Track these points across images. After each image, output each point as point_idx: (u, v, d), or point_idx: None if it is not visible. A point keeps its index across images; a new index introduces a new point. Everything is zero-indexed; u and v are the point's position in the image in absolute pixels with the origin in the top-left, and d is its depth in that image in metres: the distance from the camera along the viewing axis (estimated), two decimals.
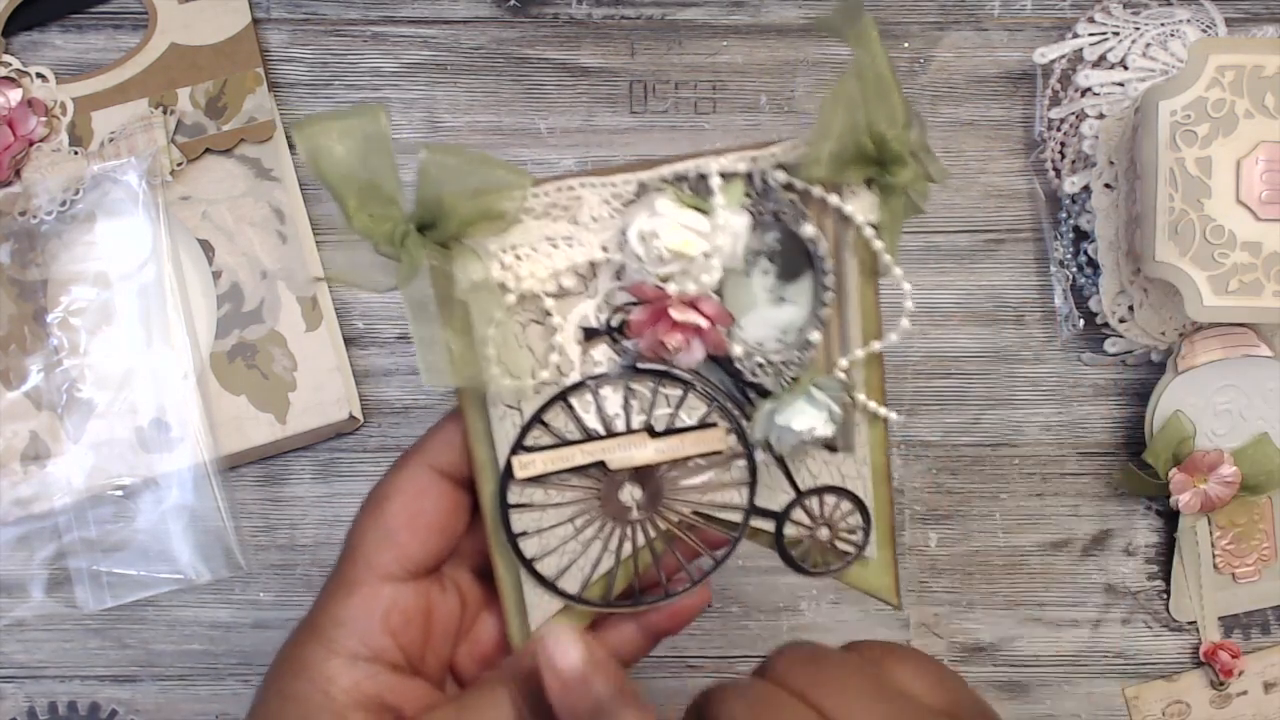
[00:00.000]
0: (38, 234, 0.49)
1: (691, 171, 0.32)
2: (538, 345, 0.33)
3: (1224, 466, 0.50)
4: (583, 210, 0.32)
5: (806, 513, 0.34)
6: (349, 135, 0.29)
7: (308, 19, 0.52)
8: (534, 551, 0.34)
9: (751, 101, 0.52)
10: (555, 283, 0.32)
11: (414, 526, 0.33)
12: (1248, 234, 0.46)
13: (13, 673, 0.51)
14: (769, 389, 0.33)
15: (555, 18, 0.52)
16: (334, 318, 0.51)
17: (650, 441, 0.33)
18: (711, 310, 0.32)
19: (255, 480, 0.51)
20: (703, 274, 0.31)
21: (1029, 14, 0.52)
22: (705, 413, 0.33)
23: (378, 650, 0.32)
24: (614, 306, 0.33)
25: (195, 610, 0.51)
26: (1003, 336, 0.53)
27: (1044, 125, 0.52)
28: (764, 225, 0.33)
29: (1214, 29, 0.51)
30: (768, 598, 0.53)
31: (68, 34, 0.51)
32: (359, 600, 0.33)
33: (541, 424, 0.33)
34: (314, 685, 0.32)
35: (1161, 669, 0.54)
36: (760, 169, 0.32)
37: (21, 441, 0.48)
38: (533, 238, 0.32)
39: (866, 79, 0.30)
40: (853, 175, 0.31)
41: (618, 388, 0.33)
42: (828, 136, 0.30)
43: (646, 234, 0.31)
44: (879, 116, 0.30)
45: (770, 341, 0.34)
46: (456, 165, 0.29)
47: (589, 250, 0.32)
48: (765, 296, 0.34)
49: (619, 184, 0.32)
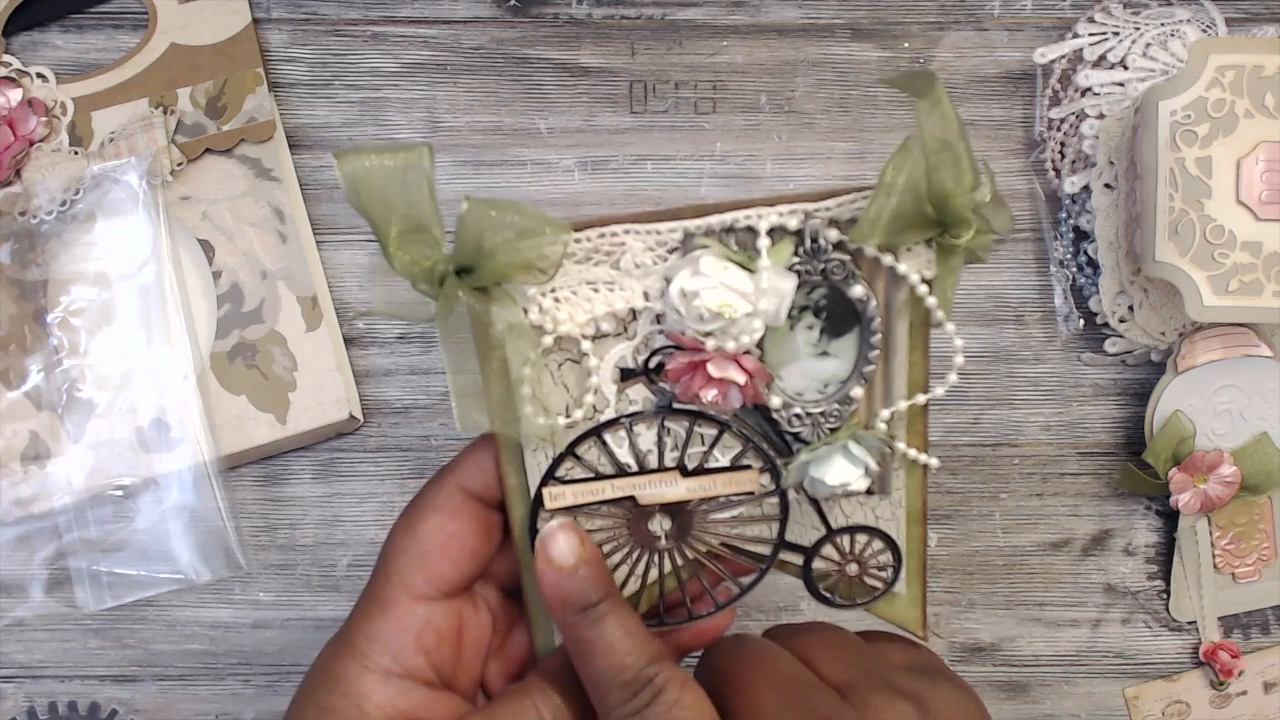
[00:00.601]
0: (38, 234, 0.49)
1: (740, 223, 0.31)
2: (573, 385, 0.33)
3: (1224, 466, 0.50)
4: (625, 256, 0.32)
5: (836, 549, 0.35)
6: (391, 170, 0.29)
7: (308, 19, 0.52)
8: None
9: (751, 101, 0.52)
10: (593, 326, 0.32)
11: (447, 547, 0.34)
12: (1248, 234, 0.46)
13: (13, 673, 0.51)
14: (806, 438, 0.33)
15: (555, 18, 0.52)
16: (334, 318, 0.51)
17: (682, 480, 0.33)
18: (750, 366, 0.32)
19: (255, 480, 0.51)
20: (743, 334, 0.31)
21: (1029, 14, 0.52)
22: (739, 453, 0.33)
23: (411, 668, 0.33)
24: (652, 349, 0.32)
25: (195, 610, 0.51)
26: (1003, 336, 0.53)
27: (1044, 125, 0.52)
28: (811, 283, 0.32)
29: (1214, 29, 0.51)
30: (768, 598, 0.53)
31: (68, 34, 0.51)
32: (393, 619, 0.33)
33: (574, 457, 0.33)
34: (348, 700, 0.33)
35: (1161, 669, 0.54)
36: (812, 227, 0.31)
37: (21, 441, 0.48)
38: (573, 281, 0.32)
39: (932, 145, 0.29)
40: (912, 238, 0.31)
41: (652, 425, 0.33)
42: (887, 201, 0.30)
43: (689, 293, 0.30)
44: (945, 179, 0.29)
45: (810, 393, 0.33)
46: (497, 215, 0.29)
47: (630, 296, 0.32)
48: (808, 350, 0.33)
49: (664, 231, 0.31)
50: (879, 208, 0.30)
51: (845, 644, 0.34)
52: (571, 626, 0.32)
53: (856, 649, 0.34)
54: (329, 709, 0.33)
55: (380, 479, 0.52)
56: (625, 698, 0.31)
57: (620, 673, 0.31)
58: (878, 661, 0.33)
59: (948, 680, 0.33)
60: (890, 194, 0.29)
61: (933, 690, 0.32)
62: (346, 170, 0.28)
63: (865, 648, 0.34)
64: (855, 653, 0.33)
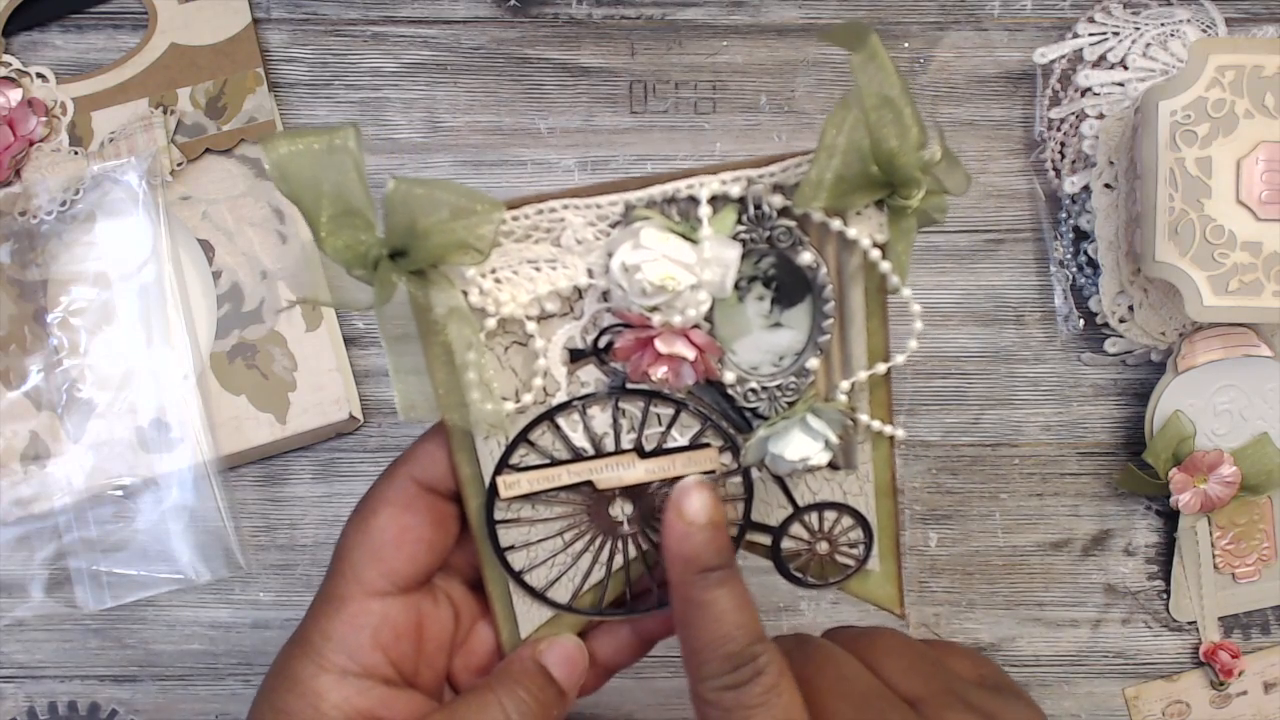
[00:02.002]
0: (38, 234, 0.49)
1: (681, 193, 0.30)
2: (520, 367, 0.32)
3: (1224, 466, 0.50)
4: (566, 233, 0.30)
5: (805, 527, 0.34)
6: (318, 153, 0.27)
7: (308, 19, 0.52)
8: (522, 564, 0.33)
9: (751, 101, 0.52)
10: (538, 306, 0.31)
11: (401, 541, 0.33)
12: (1248, 234, 0.46)
13: (13, 673, 0.51)
14: (764, 413, 0.32)
15: (555, 18, 0.52)
16: (334, 318, 0.51)
17: (640, 461, 0.32)
18: (700, 341, 0.30)
19: (255, 480, 0.51)
20: (689, 307, 0.30)
21: (1029, 14, 0.52)
22: (698, 432, 0.32)
23: (368, 666, 0.33)
24: (600, 328, 0.31)
25: (195, 610, 0.51)
26: (1003, 336, 0.53)
27: (1044, 125, 0.52)
28: (758, 251, 0.31)
29: (1214, 29, 0.51)
30: (768, 598, 0.53)
31: (68, 34, 0.51)
32: (347, 616, 0.33)
33: (528, 443, 0.32)
34: (305, 701, 0.32)
35: (1161, 669, 0.54)
36: (755, 193, 0.30)
37: (21, 441, 0.48)
38: (513, 261, 0.30)
39: (871, 103, 0.28)
40: (859, 200, 0.30)
41: (606, 407, 0.32)
42: (828, 163, 0.28)
43: (630, 266, 0.29)
44: (889, 137, 0.28)
45: (765, 366, 0.32)
46: (425, 195, 0.28)
47: (573, 274, 0.31)
48: (760, 321, 0.32)
49: (604, 205, 0.30)
50: (821, 169, 0.28)
51: (914, 654, 0.33)
52: (687, 586, 0.31)
53: (927, 660, 0.33)
54: (285, 710, 0.32)
55: None
56: (725, 669, 0.30)
57: (726, 643, 0.30)
58: (949, 675, 0.33)
59: (1017, 697, 0.32)
60: (832, 154, 0.28)
61: (1006, 708, 0.31)
62: (274, 156, 0.27)
63: (934, 658, 0.33)
64: (926, 665, 0.33)
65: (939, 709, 0.31)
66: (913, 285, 0.32)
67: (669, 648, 0.51)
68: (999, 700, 0.32)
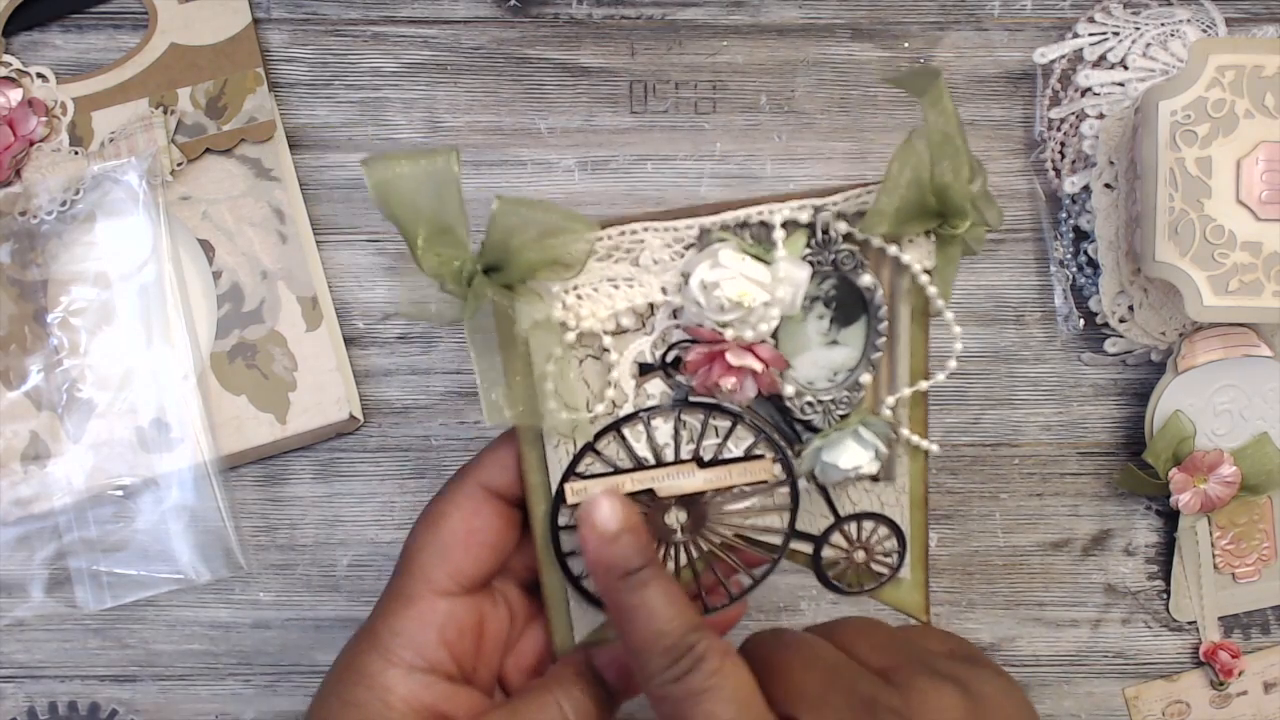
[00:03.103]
0: (38, 234, 0.49)
1: (754, 218, 0.32)
2: (594, 380, 0.34)
3: (1224, 466, 0.50)
4: (644, 253, 0.33)
5: (844, 536, 0.36)
6: (420, 175, 0.29)
7: (308, 19, 0.52)
8: (581, 569, 0.35)
9: (751, 101, 0.52)
10: (614, 322, 0.33)
11: (468, 543, 0.35)
12: (1248, 234, 0.46)
13: (13, 673, 0.51)
14: (818, 426, 0.34)
15: (555, 18, 0.52)
16: (334, 318, 0.51)
17: (699, 471, 0.34)
18: (767, 355, 0.33)
19: (255, 480, 0.51)
20: (761, 323, 0.32)
21: (1029, 14, 0.52)
22: (752, 444, 0.34)
23: (433, 662, 0.34)
24: (669, 343, 0.33)
25: (195, 610, 0.51)
26: (1003, 336, 0.53)
27: (1044, 125, 0.52)
28: (822, 273, 0.33)
29: (1214, 29, 0.51)
30: (768, 598, 0.53)
31: (68, 34, 0.51)
32: (416, 613, 0.34)
33: (594, 452, 0.34)
34: (373, 694, 0.33)
35: (1161, 669, 0.54)
36: (823, 219, 0.33)
37: (21, 441, 0.48)
38: (594, 279, 0.33)
39: (935, 140, 0.30)
40: (913, 228, 0.32)
41: (669, 418, 0.34)
42: (893, 194, 0.31)
43: (709, 283, 0.32)
44: (944, 173, 0.31)
45: (821, 381, 0.34)
46: (527, 213, 0.30)
47: (649, 292, 0.33)
48: (819, 339, 0.34)
49: (681, 228, 0.33)
50: (886, 199, 0.31)
51: (884, 633, 0.35)
52: (614, 592, 0.32)
53: (896, 637, 0.34)
54: (353, 703, 0.33)
55: (380, 479, 0.52)
56: (666, 664, 0.31)
57: (661, 639, 0.31)
58: (918, 648, 0.34)
59: (989, 668, 0.33)
60: (897, 186, 0.31)
61: (976, 675, 0.32)
62: (375, 178, 0.29)
63: (905, 635, 0.35)
64: (895, 640, 0.34)
65: (909, 675, 0.32)
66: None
67: None
68: (968, 667, 0.33)
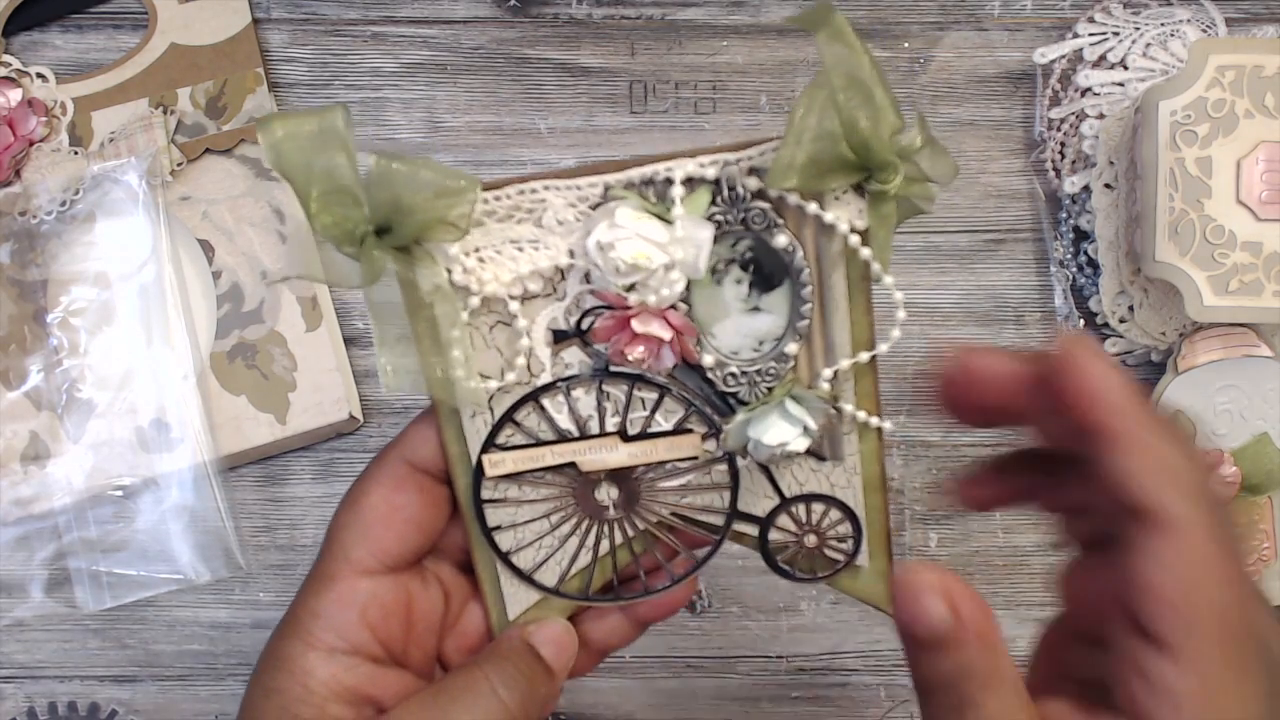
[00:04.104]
0: (38, 234, 0.49)
1: (659, 175, 0.30)
2: (505, 346, 0.32)
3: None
4: (547, 213, 0.31)
5: (792, 519, 0.33)
6: (309, 134, 0.28)
7: (308, 19, 0.52)
8: (510, 545, 0.33)
9: (751, 101, 0.52)
10: (520, 286, 0.31)
11: (390, 521, 0.33)
12: (1248, 234, 0.46)
13: (13, 673, 0.51)
14: (745, 399, 0.32)
15: (555, 18, 0.52)
16: (334, 318, 0.51)
17: (623, 445, 0.32)
18: (677, 322, 0.31)
19: (255, 480, 0.51)
20: (663, 287, 0.30)
21: (1029, 14, 0.52)
22: (682, 417, 0.32)
23: (356, 644, 0.33)
24: (583, 309, 0.32)
25: (195, 610, 0.51)
26: (1003, 336, 0.53)
27: (1044, 125, 0.52)
28: (734, 234, 0.31)
29: (1214, 29, 0.51)
30: (768, 598, 0.52)
31: (68, 34, 0.51)
32: (336, 594, 0.33)
33: (513, 423, 0.32)
34: (293, 679, 0.32)
35: None
36: (730, 175, 0.30)
37: (21, 441, 0.48)
38: (495, 240, 0.31)
39: (840, 82, 0.28)
40: (834, 183, 0.29)
41: (590, 389, 0.32)
42: (799, 144, 0.28)
43: (604, 244, 0.30)
44: (860, 119, 0.28)
45: (746, 350, 0.32)
46: (406, 171, 0.29)
47: (555, 254, 0.31)
48: (739, 305, 0.32)
49: (583, 186, 0.31)
50: (791, 150, 0.28)
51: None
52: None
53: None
54: (275, 689, 0.32)
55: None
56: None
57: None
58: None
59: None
60: (802, 135, 0.28)
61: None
62: (267, 137, 0.28)
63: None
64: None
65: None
66: (913, 285, 0.32)
67: (669, 649, 0.51)
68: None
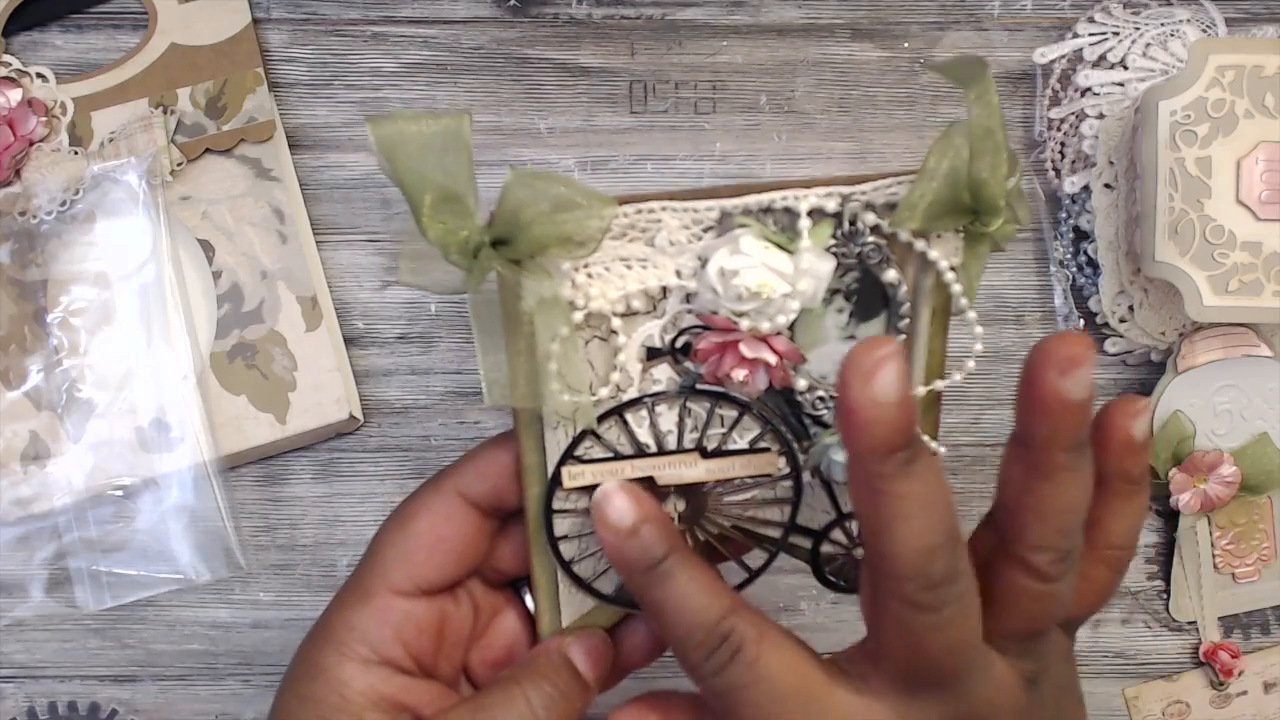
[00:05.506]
0: (38, 234, 0.49)
1: (778, 204, 0.31)
2: (599, 362, 0.32)
3: (1224, 466, 0.50)
4: (661, 234, 0.31)
5: (845, 533, 0.35)
6: (429, 137, 0.28)
7: (308, 19, 0.52)
8: (572, 554, 0.34)
9: (751, 101, 0.52)
10: (624, 304, 0.32)
11: (433, 550, 0.34)
12: (1248, 234, 0.46)
13: (13, 673, 0.51)
14: (827, 422, 0.33)
15: (555, 18, 0.52)
16: (334, 318, 0.51)
17: (701, 461, 0.33)
18: (782, 348, 0.31)
19: (255, 480, 0.51)
20: (779, 315, 0.30)
21: (1029, 14, 0.52)
22: (758, 435, 0.33)
23: (389, 657, 0.33)
24: (680, 328, 0.32)
25: (195, 610, 0.51)
26: (1003, 336, 0.53)
27: (1044, 125, 0.52)
28: (846, 266, 0.32)
29: (1214, 29, 0.51)
30: (768, 597, 0.52)
31: (68, 34, 0.51)
32: (373, 610, 0.33)
33: (594, 436, 0.33)
34: (330, 688, 0.33)
35: (1161, 669, 0.54)
36: (850, 209, 0.31)
37: (21, 441, 0.48)
38: (607, 258, 0.31)
39: (977, 135, 0.29)
40: (944, 224, 0.31)
41: (674, 406, 0.33)
42: (928, 188, 0.29)
43: (728, 271, 0.30)
44: (982, 168, 0.29)
45: (834, 376, 0.32)
46: (542, 185, 0.29)
47: (663, 274, 0.31)
48: (837, 333, 0.33)
49: (701, 210, 0.31)
50: (921, 193, 0.29)
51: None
52: (641, 589, 0.31)
53: None
54: (311, 698, 0.33)
55: (380, 479, 0.52)
56: (703, 657, 0.29)
57: (694, 632, 0.30)
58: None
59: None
60: (932, 179, 0.29)
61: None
62: (381, 136, 0.28)
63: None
64: None
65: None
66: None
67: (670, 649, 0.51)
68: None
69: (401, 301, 0.52)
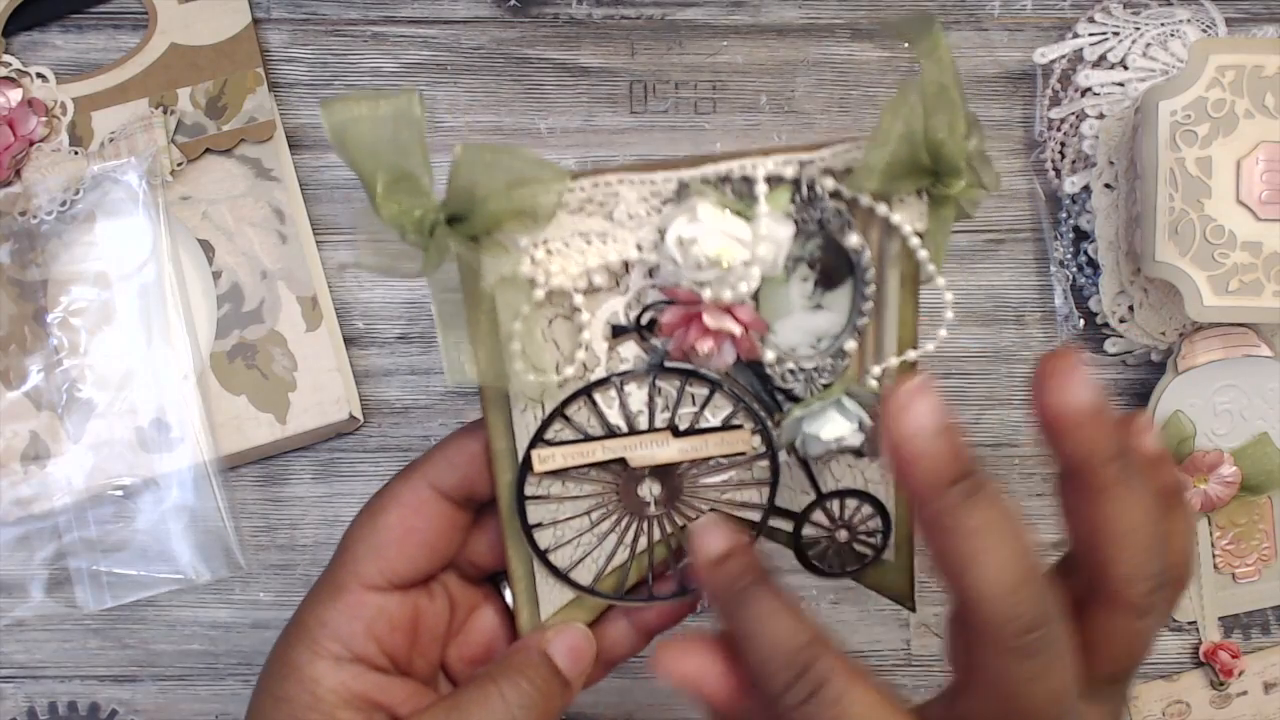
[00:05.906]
0: (38, 234, 0.49)
1: (736, 173, 0.30)
2: (564, 341, 0.32)
3: (1224, 466, 0.50)
4: (619, 207, 0.31)
5: (826, 515, 0.34)
6: (379, 116, 0.28)
7: (308, 19, 0.52)
8: (548, 543, 0.33)
9: (751, 101, 0.52)
10: (586, 279, 0.31)
11: (404, 543, 0.33)
12: (1248, 234, 0.46)
13: (13, 673, 0.51)
14: (799, 395, 0.32)
15: (555, 18, 0.52)
16: (334, 318, 0.51)
17: (673, 440, 0.32)
18: (746, 317, 0.31)
19: (255, 480, 0.51)
20: (740, 282, 0.30)
21: (1029, 14, 0.52)
22: (731, 413, 0.32)
23: (362, 654, 0.33)
24: (644, 304, 0.31)
25: (195, 610, 0.51)
26: (1003, 336, 0.53)
27: (1044, 125, 0.52)
28: (807, 233, 0.31)
29: (1214, 29, 0.51)
30: None
31: (68, 34, 0.51)
32: (343, 606, 0.33)
33: (563, 418, 0.32)
34: (302, 686, 0.32)
35: (1161, 669, 0.54)
36: (809, 175, 0.30)
37: (21, 441, 0.48)
38: (565, 233, 0.30)
39: (930, 92, 0.28)
40: (905, 186, 0.30)
41: (643, 384, 0.32)
42: (884, 148, 0.29)
43: (686, 239, 0.29)
44: (939, 127, 0.29)
45: (803, 347, 0.33)
46: (492, 159, 0.28)
47: (623, 248, 0.31)
48: (802, 303, 0.32)
49: (659, 181, 0.30)
50: (877, 154, 0.29)
51: None
52: (728, 614, 0.30)
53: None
54: (283, 698, 0.32)
55: (380, 479, 0.52)
56: (783, 686, 0.28)
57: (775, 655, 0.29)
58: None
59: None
60: (888, 140, 0.29)
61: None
62: (333, 120, 0.27)
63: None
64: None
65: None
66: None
67: None
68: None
69: (401, 301, 0.52)
